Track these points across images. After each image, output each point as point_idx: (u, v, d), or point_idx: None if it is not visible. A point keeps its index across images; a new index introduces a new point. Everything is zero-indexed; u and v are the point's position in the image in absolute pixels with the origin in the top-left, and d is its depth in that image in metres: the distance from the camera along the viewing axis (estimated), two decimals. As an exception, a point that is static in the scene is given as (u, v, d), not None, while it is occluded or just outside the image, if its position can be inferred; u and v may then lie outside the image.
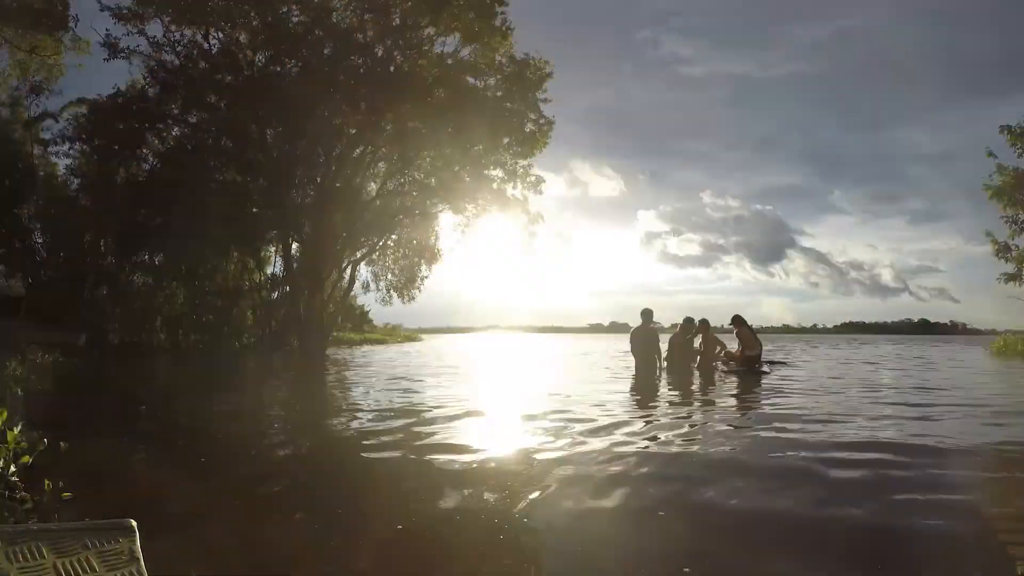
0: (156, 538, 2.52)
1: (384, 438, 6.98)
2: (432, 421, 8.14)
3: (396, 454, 6.18)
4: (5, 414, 4.32)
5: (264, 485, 5.03)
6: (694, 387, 12.83)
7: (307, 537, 3.73)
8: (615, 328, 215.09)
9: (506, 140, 28.42)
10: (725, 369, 15.69)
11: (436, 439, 6.87)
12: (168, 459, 6.05)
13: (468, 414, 8.81)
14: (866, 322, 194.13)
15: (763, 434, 7.06)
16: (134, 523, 1.79)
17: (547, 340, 74.92)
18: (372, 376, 16.48)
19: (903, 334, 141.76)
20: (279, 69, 27.35)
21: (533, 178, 29.66)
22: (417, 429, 7.50)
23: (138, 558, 1.70)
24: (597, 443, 6.46)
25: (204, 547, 3.56)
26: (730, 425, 7.92)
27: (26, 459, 4.47)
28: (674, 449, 6.29)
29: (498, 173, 29.41)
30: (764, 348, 16.58)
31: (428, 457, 5.93)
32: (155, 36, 27.05)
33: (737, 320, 15.81)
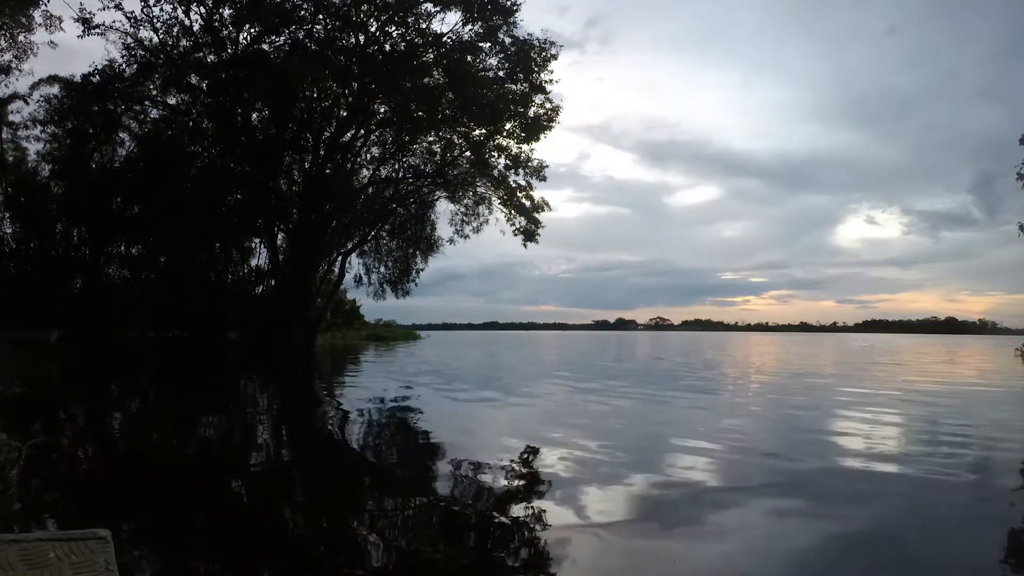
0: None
1: None
2: None
3: None
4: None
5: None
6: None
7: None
8: (622, 325, 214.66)
9: (509, 125, 28.34)
10: None
11: None
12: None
13: None
14: (888, 320, 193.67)
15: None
16: (108, 533, 1.80)
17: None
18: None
19: (927, 333, 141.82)
20: (265, 47, 27.30)
21: (537, 163, 29.58)
22: None
23: (113, 569, 1.71)
24: None
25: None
26: None
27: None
28: None
29: (501, 160, 29.33)
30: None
31: None
32: (132, 11, 26.99)
33: None
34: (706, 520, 4.26)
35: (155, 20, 27.21)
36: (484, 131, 28.56)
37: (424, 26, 27.48)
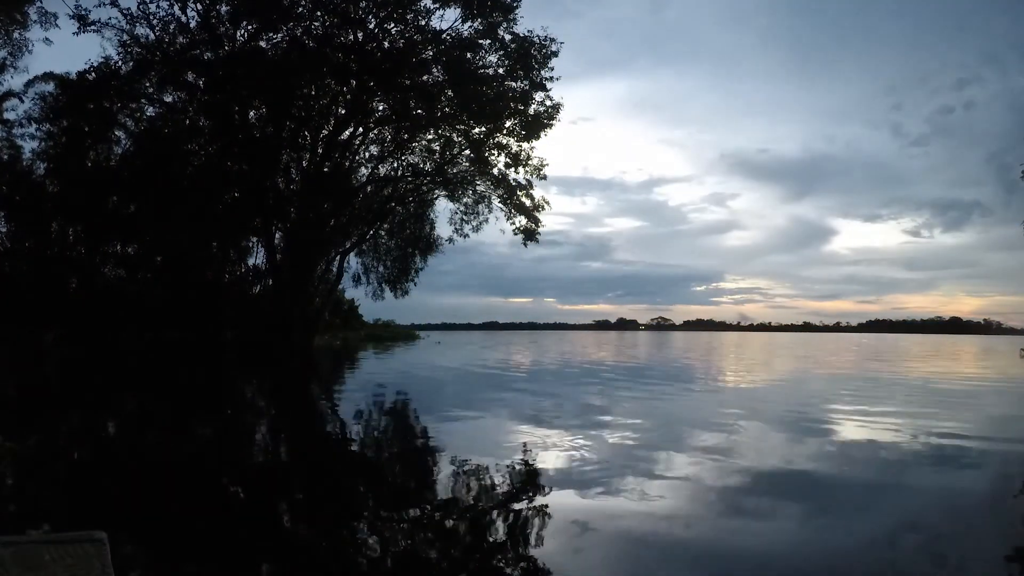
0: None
1: None
2: None
3: None
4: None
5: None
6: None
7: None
8: (623, 325, 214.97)
9: (509, 123, 28.30)
10: None
11: None
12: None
13: None
14: (892, 320, 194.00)
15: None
16: (104, 535, 1.79)
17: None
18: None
19: (931, 333, 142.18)
20: (263, 44, 27.24)
21: (537, 162, 29.55)
22: None
23: (109, 572, 1.71)
24: None
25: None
26: None
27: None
28: None
29: (501, 158, 29.31)
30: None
31: None
32: (129, 8, 26.93)
33: None
34: None
35: (151, 17, 27.19)
36: (484, 129, 28.52)
37: (423, 23, 27.45)
